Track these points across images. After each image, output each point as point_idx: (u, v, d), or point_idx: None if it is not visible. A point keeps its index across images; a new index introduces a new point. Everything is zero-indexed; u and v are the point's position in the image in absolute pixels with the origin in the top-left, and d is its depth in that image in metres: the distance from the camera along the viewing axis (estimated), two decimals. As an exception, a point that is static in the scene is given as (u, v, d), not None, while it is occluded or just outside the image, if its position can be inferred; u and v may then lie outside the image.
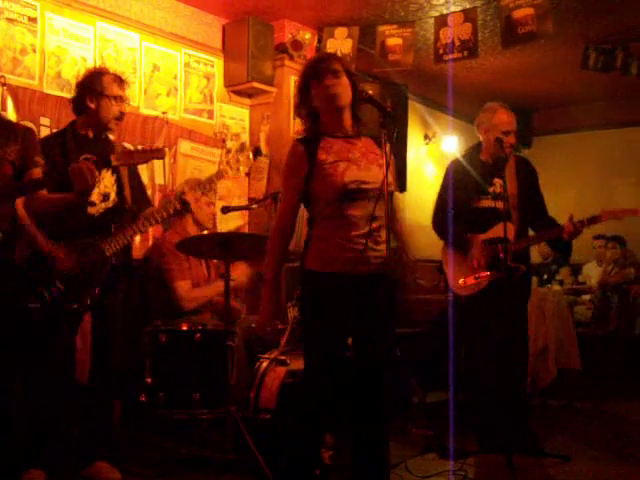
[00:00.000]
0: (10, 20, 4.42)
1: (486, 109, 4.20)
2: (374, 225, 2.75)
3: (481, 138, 4.21)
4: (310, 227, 2.92)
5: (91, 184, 3.06)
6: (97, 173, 3.07)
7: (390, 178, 2.76)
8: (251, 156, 3.85)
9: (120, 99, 3.52)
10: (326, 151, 2.83)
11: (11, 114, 4.23)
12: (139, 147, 3.18)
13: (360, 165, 2.82)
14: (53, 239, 3.32)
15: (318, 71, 2.85)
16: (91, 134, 3.54)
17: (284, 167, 3.01)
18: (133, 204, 3.62)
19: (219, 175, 3.79)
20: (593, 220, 3.95)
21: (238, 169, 3.78)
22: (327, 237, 2.81)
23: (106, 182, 3.54)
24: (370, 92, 2.88)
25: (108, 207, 3.52)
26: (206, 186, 3.74)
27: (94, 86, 3.47)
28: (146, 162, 3.30)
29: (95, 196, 3.48)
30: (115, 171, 3.57)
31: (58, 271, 3.30)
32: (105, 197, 3.53)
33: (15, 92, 4.32)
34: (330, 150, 2.84)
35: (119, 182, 3.59)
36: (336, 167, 2.79)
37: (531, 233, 4.19)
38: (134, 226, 3.48)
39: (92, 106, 3.47)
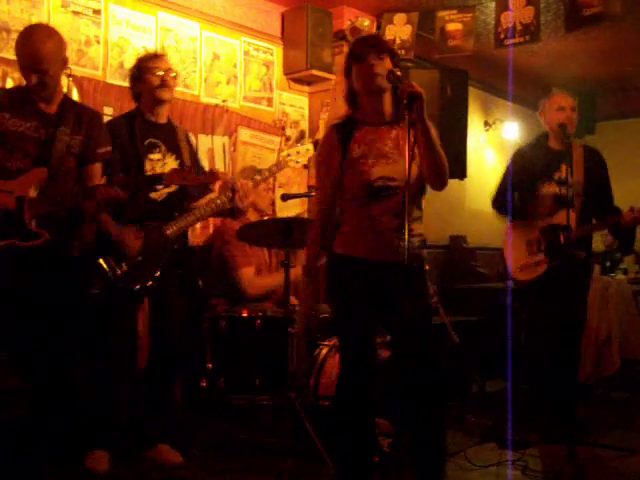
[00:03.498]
0: (76, 13, 4.52)
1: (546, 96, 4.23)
2: (398, 221, 2.63)
3: (544, 125, 4.20)
4: (338, 217, 2.89)
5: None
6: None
7: (414, 171, 2.63)
8: (311, 148, 3.83)
9: (157, 69, 3.53)
10: (358, 142, 2.77)
11: (76, 104, 4.33)
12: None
13: (389, 159, 2.74)
14: (116, 222, 3.39)
15: (362, 51, 2.77)
16: (154, 118, 3.59)
17: (317, 154, 2.99)
18: (194, 190, 3.65)
19: (279, 166, 3.80)
20: None
21: (297, 162, 3.78)
22: (353, 228, 2.79)
23: (170, 167, 3.58)
24: (398, 72, 2.71)
25: (170, 192, 3.55)
26: (265, 175, 3.76)
27: (135, 71, 3.58)
28: (197, 185, 3.52)
29: None
30: (179, 157, 3.62)
31: (125, 254, 3.36)
32: None
33: (80, 82, 4.43)
34: (362, 141, 2.77)
35: (182, 167, 3.63)
36: (364, 163, 2.74)
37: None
38: (196, 211, 3.54)
39: (140, 88, 3.57)
